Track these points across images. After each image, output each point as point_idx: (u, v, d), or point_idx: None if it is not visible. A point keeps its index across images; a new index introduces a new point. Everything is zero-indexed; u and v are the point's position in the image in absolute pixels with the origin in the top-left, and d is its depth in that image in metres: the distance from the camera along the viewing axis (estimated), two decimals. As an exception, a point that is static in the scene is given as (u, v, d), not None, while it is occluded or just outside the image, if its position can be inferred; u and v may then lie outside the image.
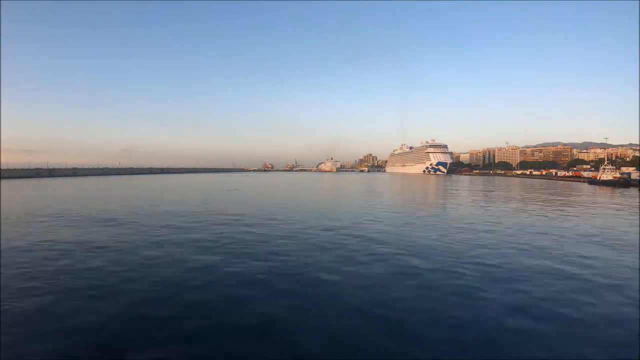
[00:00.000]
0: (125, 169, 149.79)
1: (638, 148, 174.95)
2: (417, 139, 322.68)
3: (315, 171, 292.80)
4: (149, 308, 7.19)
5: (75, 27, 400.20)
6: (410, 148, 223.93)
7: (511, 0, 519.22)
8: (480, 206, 27.68)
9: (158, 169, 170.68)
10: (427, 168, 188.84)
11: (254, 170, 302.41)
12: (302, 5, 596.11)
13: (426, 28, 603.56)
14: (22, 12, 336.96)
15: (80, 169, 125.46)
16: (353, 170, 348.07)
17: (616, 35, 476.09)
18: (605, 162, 74.91)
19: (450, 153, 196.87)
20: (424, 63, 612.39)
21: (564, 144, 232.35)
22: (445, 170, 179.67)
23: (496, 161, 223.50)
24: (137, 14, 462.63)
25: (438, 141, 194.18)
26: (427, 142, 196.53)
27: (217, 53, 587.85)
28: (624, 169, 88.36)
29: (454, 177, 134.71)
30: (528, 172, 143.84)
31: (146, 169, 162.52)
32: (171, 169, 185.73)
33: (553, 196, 39.08)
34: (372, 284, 8.66)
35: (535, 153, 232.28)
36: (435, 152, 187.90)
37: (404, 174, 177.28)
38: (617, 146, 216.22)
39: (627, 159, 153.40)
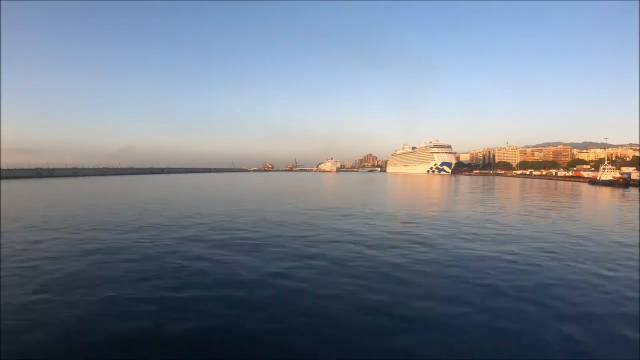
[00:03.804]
0: (125, 169, 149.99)
1: (638, 148, 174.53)
2: (417, 140, 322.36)
3: (315, 171, 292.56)
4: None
5: (75, 27, 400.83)
6: (413, 148, 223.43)
7: (510, 0, 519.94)
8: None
9: (158, 169, 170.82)
10: (431, 168, 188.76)
11: (254, 170, 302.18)
12: (302, 5, 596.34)
13: (426, 29, 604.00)
14: (22, 12, 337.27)
15: (80, 169, 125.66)
16: (353, 170, 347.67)
17: (616, 35, 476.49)
18: (605, 162, 74.70)
19: (454, 153, 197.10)
20: (424, 64, 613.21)
21: (564, 144, 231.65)
22: (450, 171, 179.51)
23: (496, 161, 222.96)
24: (137, 14, 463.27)
25: (442, 141, 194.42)
26: (431, 143, 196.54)
27: (218, 53, 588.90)
28: (624, 169, 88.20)
29: (458, 177, 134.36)
30: (528, 172, 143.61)
31: (146, 169, 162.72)
32: (171, 168, 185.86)
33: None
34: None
35: (535, 153, 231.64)
36: (439, 153, 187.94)
37: (406, 174, 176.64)
38: (617, 146, 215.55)
39: (627, 159, 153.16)
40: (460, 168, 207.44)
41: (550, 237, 15.29)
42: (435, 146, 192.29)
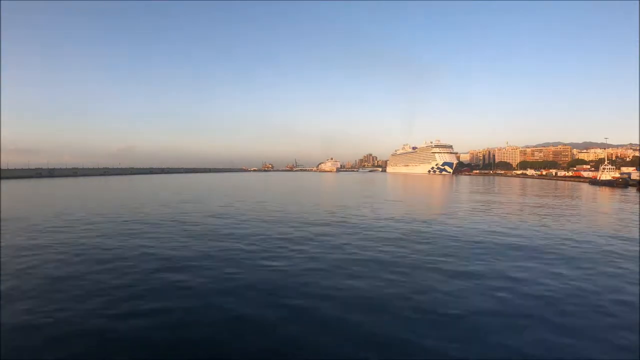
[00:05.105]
0: (126, 169, 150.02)
1: (638, 148, 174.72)
2: (416, 140, 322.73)
3: (315, 171, 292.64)
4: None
5: (75, 27, 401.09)
6: (414, 148, 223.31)
7: (510, 0, 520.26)
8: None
9: (158, 169, 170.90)
10: (432, 168, 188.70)
11: (254, 170, 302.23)
12: (302, 5, 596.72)
13: (425, 29, 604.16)
14: (22, 12, 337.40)
15: (81, 169, 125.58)
16: (353, 170, 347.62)
17: (616, 35, 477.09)
18: (605, 162, 74.76)
19: (455, 153, 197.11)
20: (424, 64, 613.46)
21: (564, 144, 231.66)
22: (452, 171, 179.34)
23: (496, 161, 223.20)
24: (137, 14, 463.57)
25: (443, 141, 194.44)
26: (432, 143, 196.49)
27: (218, 53, 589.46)
28: (624, 169, 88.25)
29: (459, 177, 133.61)
30: (528, 172, 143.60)
31: (146, 169, 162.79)
32: (171, 169, 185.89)
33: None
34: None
35: (535, 153, 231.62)
36: (441, 152, 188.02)
37: (408, 175, 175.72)
38: (617, 146, 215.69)
39: (627, 159, 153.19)
40: (460, 168, 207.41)
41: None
42: (436, 146, 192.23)
